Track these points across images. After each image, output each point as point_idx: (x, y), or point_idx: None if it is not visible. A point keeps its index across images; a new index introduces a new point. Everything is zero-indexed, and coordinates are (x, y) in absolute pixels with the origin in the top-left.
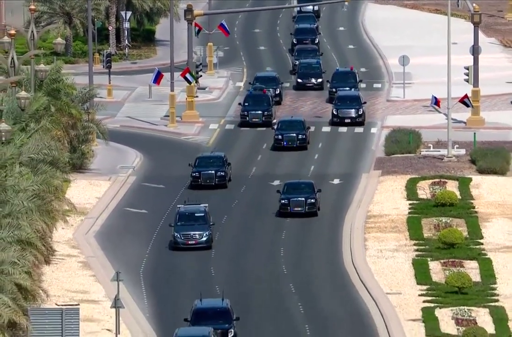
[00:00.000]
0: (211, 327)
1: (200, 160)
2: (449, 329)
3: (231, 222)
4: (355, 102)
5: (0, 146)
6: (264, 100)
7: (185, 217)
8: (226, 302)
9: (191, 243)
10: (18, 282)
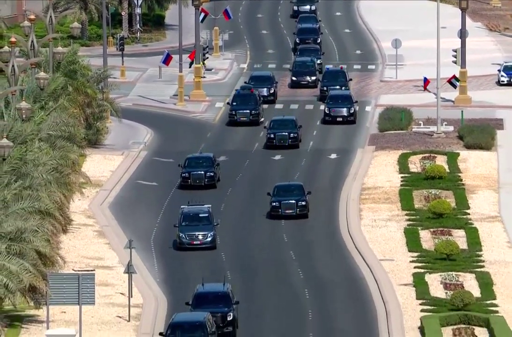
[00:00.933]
0: (210, 311)
1: (189, 161)
2: (438, 293)
3: (235, 193)
4: (346, 101)
5: (21, 123)
6: (252, 99)
7: (190, 218)
8: (227, 286)
9: (196, 243)
10: (38, 249)
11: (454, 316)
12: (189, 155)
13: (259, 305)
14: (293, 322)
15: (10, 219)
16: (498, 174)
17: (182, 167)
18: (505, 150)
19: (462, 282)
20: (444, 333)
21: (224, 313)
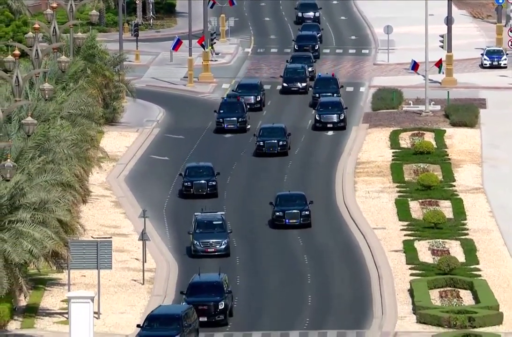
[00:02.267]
0: (203, 300)
1: (190, 170)
2: (426, 258)
3: (241, 168)
4: (336, 108)
5: (44, 103)
6: (239, 107)
7: (204, 225)
8: (221, 276)
9: (210, 250)
10: (60, 218)
11: (441, 279)
12: (189, 164)
13: (261, 270)
14: (293, 285)
15: (34, 191)
16: (481, 149)
17: (183, 176)
18: (488, 128)
19: (448, 249)
20: (432, 295)
21: (216, 302)
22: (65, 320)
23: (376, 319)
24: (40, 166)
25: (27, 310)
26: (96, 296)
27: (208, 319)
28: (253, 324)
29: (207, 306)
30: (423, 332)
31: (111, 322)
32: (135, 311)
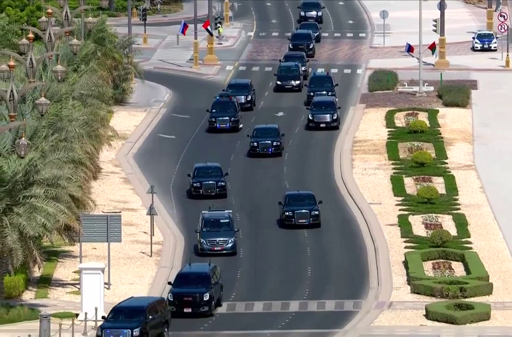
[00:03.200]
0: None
1: (198, 170)
2: (420, 232)
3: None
4: (330, 107)
5: (57, 84)
6: (231, 106)
7: (211, 223)
8: (211, 267)
9: (217, 249)
10: (72, 193)
11: (434, 252)
12: (197, 164)
13: (263, 242)
14: (294, 257)
15: (47, 168)
16: (472, 128)
17: (192, 176)
18: (479, 108)
19: (441, 223)
20: (425, 267)
21: (201, 294)
22: (77, 290)
23: (372, 290)
24: (53, 144)
25: (40, 281)
26: (106, 268)
27: (192, 310)
28: (255, 294)
29: (192, 298)
30: (417, 302)
31: (120, 292)
32: (143, 282)
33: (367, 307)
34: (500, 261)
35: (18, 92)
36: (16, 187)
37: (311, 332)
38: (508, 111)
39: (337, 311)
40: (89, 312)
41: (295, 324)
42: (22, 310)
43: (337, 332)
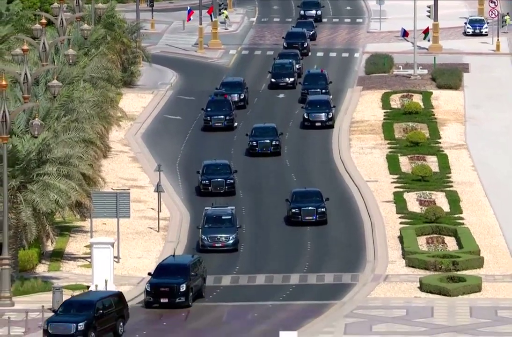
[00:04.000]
0: (165, 282)
1: (207, 168)
2: (414, 208)
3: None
4: (324, 106)
5: (68, 67)
6: (226, 105)
7: (213, 220)
8: (191, 259)
9: (218, 245)
10: (83, 172)
11: (428, 227)
12: (206, 161)
13: (266, 217)
14: (294, 233)
15: (59, 147)
16: (464, 109)
17: (201, 174)
18: (470, 90)
19: (434, 199)
20: (419, 241)
21: (177, 285)
22: (88, 264)
23: (369, 263)
24: (65, 124)
25: (53, 255)
26: (115, 242)
27: (169, 301)
28: (257, 267)
29: (169, 288)
30: (411, 275)
31: (129, 265)
32: (151, 256)
33: (364, 279)
34: (490, 236)
35: (32, 75)
36: (30, 165)
37: (311, 304)
38: (499, 93)
39: (336, 283)
40: (99, 284)
41: (295, 296)
42: (36, 282)
43: (335, 303)
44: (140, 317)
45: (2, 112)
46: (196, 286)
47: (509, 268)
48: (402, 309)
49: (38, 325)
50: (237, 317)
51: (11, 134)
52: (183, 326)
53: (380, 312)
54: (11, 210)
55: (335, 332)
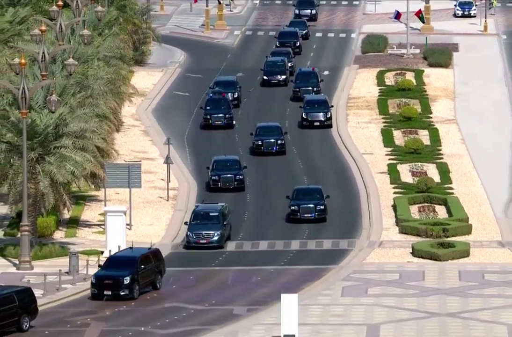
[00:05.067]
0: (109, 274)
1: (217, 163)
2: (407, 179)
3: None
4: (322, 106)
5: (83, 47)
6: (224, 103)
7: (200, 216)
8: (143, 252)
9: (202, 242)
10: (97, 144)
11: (419, 196)
12: (216, 157)
13: (268, 186)
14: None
15: (75, 121)
16: (454, 86)
17: (210, 169)
18: (460, 68)
19: (426, 171)
20: (412, 210)
21: (121, 277)
22: (102, 231)
23: (364, 230)
24: (80, 100)
25: (70, 222)
26: (128, 210)
27: (112, 293)
28: (260, 234)
29: (113, 281)
30: (404, 241)
31: (140, 232)
32: (160, 223)
33: (360, 245)
34: (478, 205)
35: (49, 54)
36: (48, 139)
37: (310, 268)
38: (486, 71)
39: (333, 249)
40: (112, 249)
41: (296, 261)
42: (53, 247)
43: (333, 268)
44: None
45: (21, 88)
46: (146, 279)
47: (496, 234)
48: (396, 273)
49: (56, 288)
50: (242, 280)
51: (30, 109)
52: (191, 288)
53: (375, 276)
54: (30, 180)
55: (333, 294)
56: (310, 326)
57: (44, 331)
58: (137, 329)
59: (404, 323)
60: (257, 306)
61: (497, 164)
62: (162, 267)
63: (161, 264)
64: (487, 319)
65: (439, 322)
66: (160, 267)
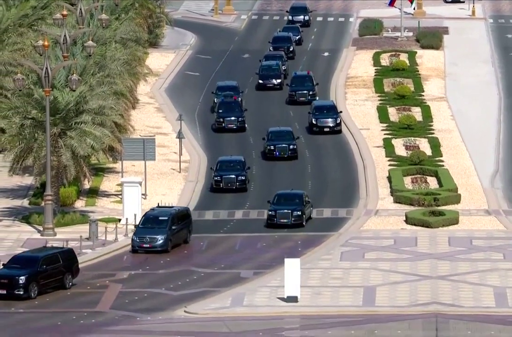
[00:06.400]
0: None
1: (221, 164)
2: (401, 152)
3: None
4: (331, 111)
5: (102, 30)
6: (236, 106)
7: (148, 220)
8: (45, 253)
9: (145, 246)
10: (114, 120)
11: (412, 169)
12: (220, 158)
13: (271, 160)
14: (296, 174)
15: (94, 99)
16: (444, 66)
17: (214, 170)
18: (449, 50)
19: (418, 145)
20: (405, 181)
21: (17, 277)
22: (119, 200)
23: (361, 200)
24: (99, 79)
25: (89, 192)
26: (143, 181)
27: (7, 292)
28: (264, 204)
29: (7, 280)
30: (398, 209)
31: (155, 201)
32: (173, 193)
33: (358, 214)
34: (466, 176)
35: (70, 37)
36: (69, 115)
37: (312, 235)
38: (473, 53)
39: (333, 217)
40: (129, 217)
41: (298, 228)
42: (74, 215)
43: (333, 234)
44: None
45: (45, 68)
46: (48, 278)
47: (483, 203)
48: (390, 239)
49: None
50: (248, 246)
51: (52, 87)
52: (201, 253)
53: (371, 241)
54: (53, 153)
55: (332, 259)
56: (311, 288)
57: (66, 292)
58: (151, 290)
59: (398, 285)
60: (262, 270)
61: (484, 139)
62: (75, 268)
63: (73, 265)
64: (474, 281)
65: (431, 284)
66: (74, 268)
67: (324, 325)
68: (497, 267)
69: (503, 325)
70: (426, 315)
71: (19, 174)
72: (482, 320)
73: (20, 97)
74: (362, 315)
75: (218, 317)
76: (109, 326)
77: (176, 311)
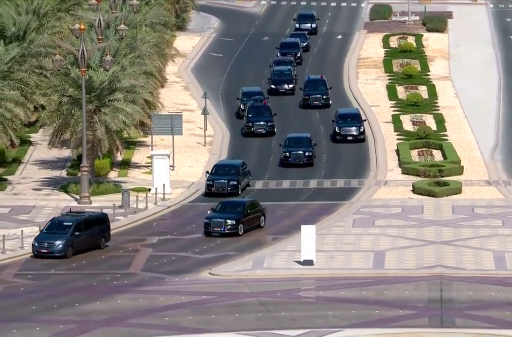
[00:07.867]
0: None
1: (217, 168)
2: (408, 127)
3: None
4: (355, 119)
5: (133, 14)
6: (265, 111)
7: (52, 226)
8: None
9: (43, 251)
10: (145, 98)
11: (419, 142)
12: (219, 162)
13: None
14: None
15: (126, 78)
16: (449, 48)
17: (210, 174)
18: (453, 33)
19: (424, 120)
20: (412, 154)
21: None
22: (149, 171)
23: (372, 171)
24: (130, 60)
25: (122, 164)
26: (171, 154)
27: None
28: (283, 174)
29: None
30: (406, 180)
31: (182, 172)
32: (199, 165)
33: (368, 184)
34: (469, 149)
35: (104, 21)
36: (103, 93)
37: (326, 203)
38: (475, 35)
39: (345, 187)
40: (158, 187)
41: (313, 197)
42: (108, 185)
43: (345, 203)
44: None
45: (81, 50)
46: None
47: (484, 175)
48: (398, 207)
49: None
50: (267, 213)
51: (88, 67)
52: None
53: (380, 210)
54: (89, 128)
55: (345, 225)
56: (325, 252)
57: (101, 255)
58: (179, 254)
59: (405, 250)
60: (280, 235)
61: (485, 115)
62: None
63: None
64: (476, 246)
65: (435, 249)
66: None
67: (337, 286)
68: (497, 233)
69: (502, 286)
70: (431, 277)
71: (57, 147)
72: (483, 281)
73: (58, 77)
74: (372, 277)
75: (240, 279)
76: (140, 287)
77: (201, 273)
